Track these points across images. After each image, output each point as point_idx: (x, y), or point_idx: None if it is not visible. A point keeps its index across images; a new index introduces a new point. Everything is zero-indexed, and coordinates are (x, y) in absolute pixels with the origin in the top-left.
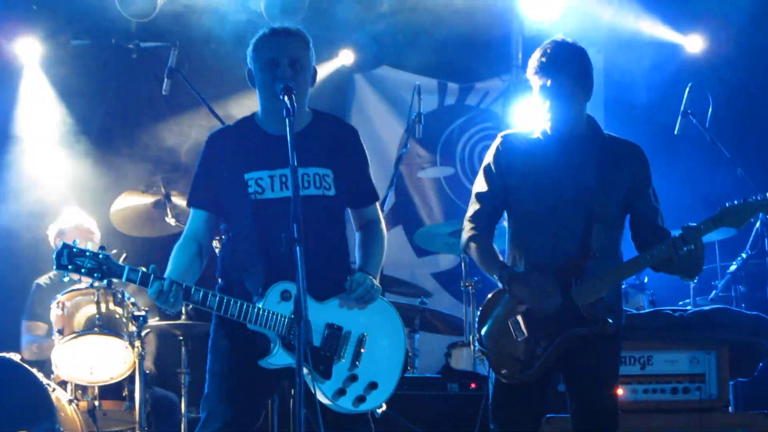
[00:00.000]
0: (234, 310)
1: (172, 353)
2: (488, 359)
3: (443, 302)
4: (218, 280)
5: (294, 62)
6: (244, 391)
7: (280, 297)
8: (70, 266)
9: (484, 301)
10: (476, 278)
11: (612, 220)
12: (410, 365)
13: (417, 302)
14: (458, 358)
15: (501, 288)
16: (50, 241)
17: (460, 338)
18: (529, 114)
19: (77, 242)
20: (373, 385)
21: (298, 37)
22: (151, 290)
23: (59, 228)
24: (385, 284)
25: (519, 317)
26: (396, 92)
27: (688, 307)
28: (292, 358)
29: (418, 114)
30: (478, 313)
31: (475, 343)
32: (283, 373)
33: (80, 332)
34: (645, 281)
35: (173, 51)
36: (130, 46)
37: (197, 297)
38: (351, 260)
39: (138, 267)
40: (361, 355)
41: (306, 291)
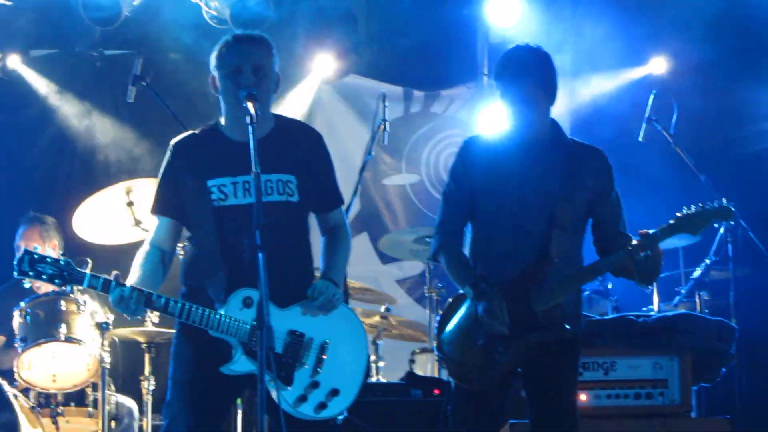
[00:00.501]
0: (195, 317)
1: (136, 361)
2: (446, 365)
3: (407, 309)
4: (181, 287)
5: (257, 69)
6: (207, 398)
7: (242, 303)
8: (32, 272)
9: (444, 306)
10: (440, 285)
11: (573, 226)
12: (374, 372)
13: (381, 309)
14: (422, 365)
15: (460, 293)
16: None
17: (424, 345)
18: (495, 121)
19: (38, 248)
20: (335, 392)
21: (262, 44)
22: (112, 297)
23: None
24: (350, 291)
25: (478, 323)
26: (361, 99)
27: (652, 313)
28: (254, 365)
29: (384, 121)
30: (438, 318)
31: (435, 349)
32: (246, 380)
33: (43, 340)
34: (609, 287)
35: (138, 59)
36: (94, 54)
37: (159, 304)
38: (314, 267)
39: (100, 274)
40: (323, 362)
41: (268, 298)
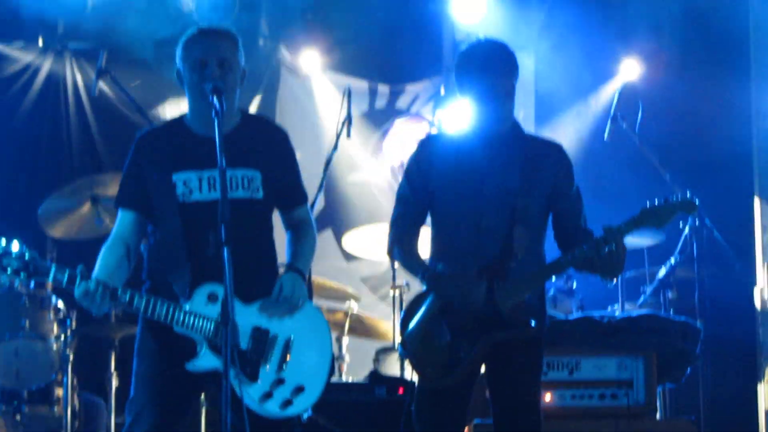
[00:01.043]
0: (161, 312)
1: (100, 357)
2: (410, 363)
3: (372, 307)
4: (145, 282)
5: (223, 62)
6: (171, 395)
7: (207, 299)
8: None
9: (407, 304)
10: (405, 282)
11: (535, 222)
12: (338, 370)
13: (345, 306)
14: (386, 364)
15: (424, 290)
16: None
17: (389, 343)
18: (459, 116)
19: (2, 241)
20: (300, 389)
21: (228, 38)
22: (78, 291)
23: None
24: (314, 288)
25: (442, 320)
26: (326, 94)
27: (617, 313)
28: (219, 361)
29: (348, 116)
30: (401, 316)
31: (398, 347)
32: (210, 377)
33: (6, 336)
34: (574, 287)
35: (103, 52)
36: (58, 47)
37: (124, 298)
38: (280, 263)
39: (65, 267)
40: (288, 359)
41: (233, 293)
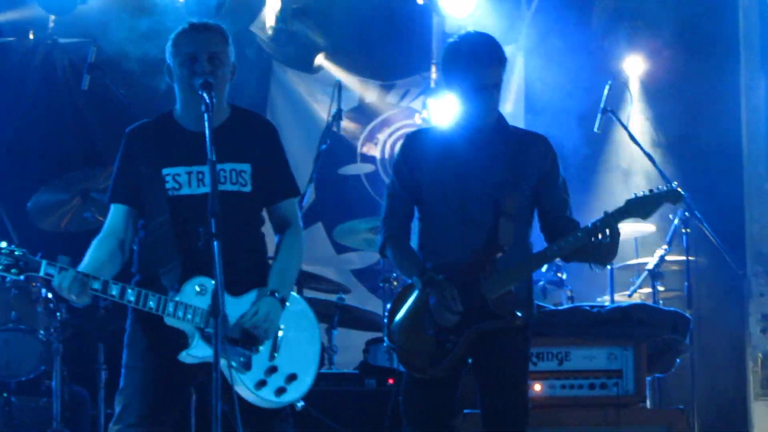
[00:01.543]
0: (152, 303)
1: (88, 350)
2: (397, 354)
3: (362, 299)
4: (135, 275)
5: (213, 57)
6: (160, 386)
7: (197, 291)
8: None
9: (395, 296)
10: (395, 275)
11: (520, 213)
12: (329, 361)
13: (336, 298)
14: (376, 355)
15: (410, 283)
16: None
17: (379, 334)
18: (449, 110)
19: None
20: (293, 377)
21: (218, 33)
22: (55, 282)
23: None
24: (304, 280)
25: (428, 313)
26: (317, 88)
27: (606, 304)
28: (212, 350)
29: (339, 110)
30: (389, 307)
31: (385, 338)
32: (201, 368)
33: None
34: (563, 277)
35: (92, 47)
36: (49, 42)
37: (115, 291)
38: (269, 255)
39: (56, 262)
40: (279, 348)
41: (223, 285)
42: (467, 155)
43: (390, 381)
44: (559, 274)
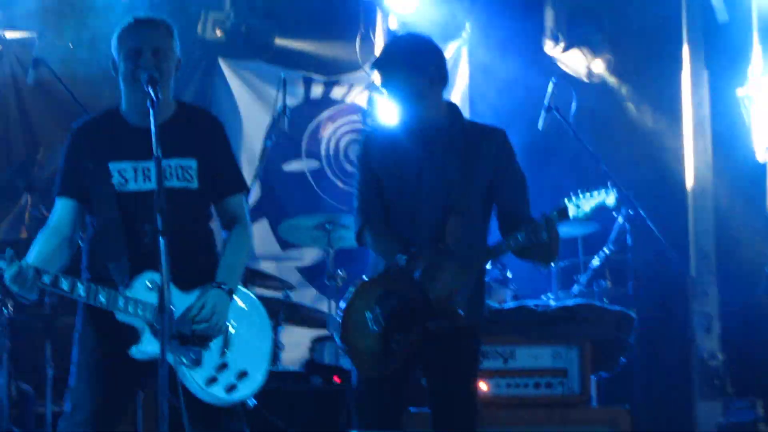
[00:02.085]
0: (102, 299)
1: (33, 347)
2: (346, 353)
3: (308, 296)
4: (83, 272)
5: (157, 51)
6: (111, 383)
7: (147, 286)
8: None
9: (345, 295)
10: (340, 271)
11: (472, 211)
12: (275, 359)
13: (281, 295)
14: (322, 352)
15: (360, 281)
16: None
17: (324, 332)
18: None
19: None
20: (244, 374)
21: (163, 27)
22: (8, 273)
23: None
24: (250, 277)
25: (376, 310)
26: (262, 84)
27: (551, 302)
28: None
29: (284, 106)
30: (341, 306)
31: (336, 338)
32: (150, 367)
33: None
34: (509, 276)
35: (37, 41)
36: None
37: (65, 285)
38: (218, 251)
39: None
40: (230, 344)
41: (170, 281)
42: (418, 154)
43: (336, 379)
44: (504, 273)
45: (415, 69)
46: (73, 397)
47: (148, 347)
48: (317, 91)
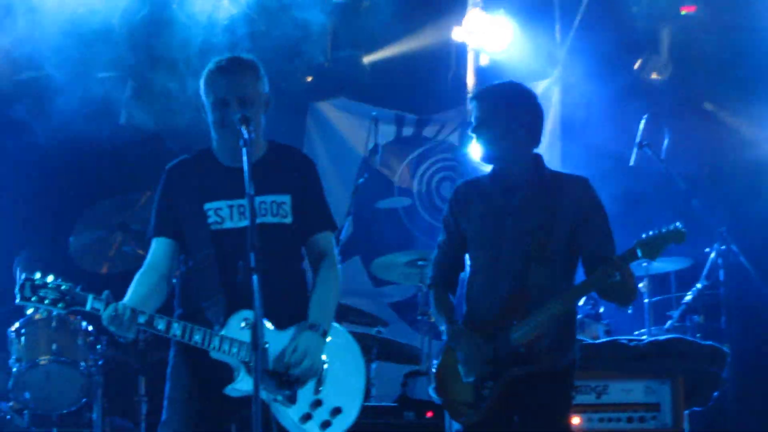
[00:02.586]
0: (197, 338)
1: (129, 382)
2: (443, 406)
3: (400, 331)
4: (177, 309)
5: (244, 100)
6: (204, 418)
7: (242, 325)
8: (34, 298)
9: (441, 350)
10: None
11: (554, 258)
12: (368, 395)
13: (374, 331)
14: (415, 388)
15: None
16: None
17: (417, 367)
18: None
19: (38, 274)
20: (338, 410)
21: (247, 71)
22: (105, 315)
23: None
24: (343, 313)
25: (463, 362)
26: (354, 123)
27: (644, 337)
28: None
29: (375, 144)
30: (436, 363)
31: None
32: (244, 403)
33: (38, 360)
34: (601, 311)
35: (130, 81)
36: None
37: (161, 325)
38: (310, 287)
39: (101, 296)
40: (324, 381)
41: (262, 319)
42: (503, 202)
43: (428, 414)
44: (597, 308)
45: (513, 111)
46: (165, 431)
47: (243, 385)
48: (409, 129)
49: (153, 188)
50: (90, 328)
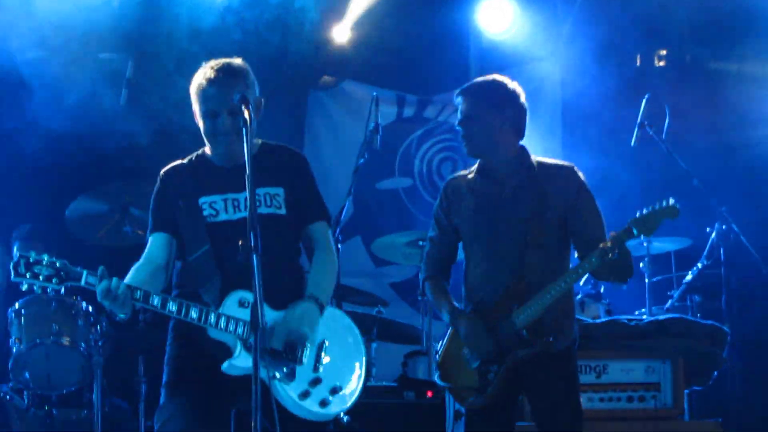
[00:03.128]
0: (194, 314)
1: (129, 363)
2: (448, 391)
3: (400, 312)
4: (174, 292)
5: (234, 110)
6: (200, 403)
7: (238, 304)
8: (28, 274)
9: (445, 336)
10: None
11: (548, 244)
12: (368, 375)
13: (374, 311)
14: (415, 367)
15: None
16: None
17: (417, 347)
18: None
19: (33, 253)
20: (337, 390)
21: (238, 80)
22: (99, 288)
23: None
24: (343, 293)
25: (467, 347)
26: (354, 104)
27: (644, 317)
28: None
29: (376, 125)
30: (439, 349)
31: (435, 366)
32: (242, 388)
33: (38, 341)
34: (601, 291)
35: (131, 62)
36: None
37: (156, 301)
38: (306, 271)
39: (96, 272)
40: (323, 360)
41: (262, 298)
42: (493, 195)
43: (429, 394)
44: (597, 288)
45: (498, 107)
46: (162, 417)
47: (240, 362)
48: (410, 110)
49: (155, 172)
50: (90, 309)
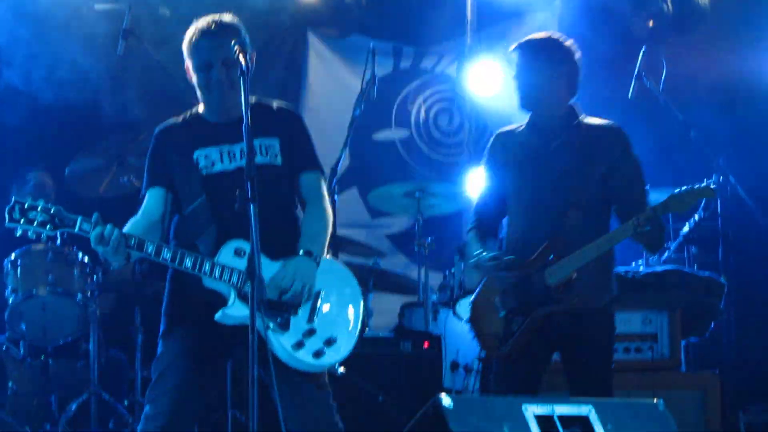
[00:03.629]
0: (188, 263)
1: (125, 313)
2: (475, 336)
3: (397, 263)
4: (171, 243)
5: (227, 60)
6: (196, 354)
7: (234, 254)
8: (22, 220)
9: (481, 285)
10: (430, 239)
11: (589, 203)
12: (364, 326)
13: (371, 262)
14: (411, 318)
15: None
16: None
17: (414, 298)
18: (483, 77)
19: (29, 198)
20: (331, 341)
21: (229, 33)
22: (93, 234)
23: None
24: (339, 244)
25: (498, 296)
26: (351, 55)
27: (641, 268)
28: (249, 310)
29: (373, 76)
30: (474, 295)
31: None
32: (237, 339)
33: (34, 291)
34: None
35: (128, 12)
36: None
37: (150, 249)
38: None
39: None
40: (318, 311)
41: (259, 247)
42: (540, 148)
43: (425, 344)
44: None
45: (553, 62)
46: (158, 368)
47: (235, 311)
48: (407, 62)
49: (154, 122)
50: (86, 260)
